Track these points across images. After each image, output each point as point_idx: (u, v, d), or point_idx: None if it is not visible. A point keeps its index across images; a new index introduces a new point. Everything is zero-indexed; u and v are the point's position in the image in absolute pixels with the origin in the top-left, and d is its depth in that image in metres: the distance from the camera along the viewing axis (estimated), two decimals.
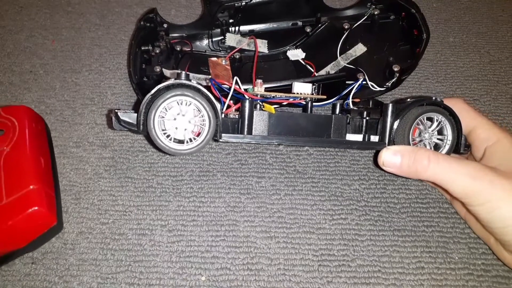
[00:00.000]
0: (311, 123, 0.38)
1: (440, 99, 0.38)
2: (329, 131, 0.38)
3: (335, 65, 0.51)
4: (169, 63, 0.52)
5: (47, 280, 0.38)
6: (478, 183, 0.33)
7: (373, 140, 0.39)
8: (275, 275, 0.39)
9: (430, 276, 0.38)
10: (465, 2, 0.67)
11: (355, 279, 0.38)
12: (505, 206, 0.33)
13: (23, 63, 0.58)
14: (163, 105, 0.35)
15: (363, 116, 0.41)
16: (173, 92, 0.35)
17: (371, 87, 0.49)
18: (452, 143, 0.38)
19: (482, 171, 0.34)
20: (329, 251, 0.40)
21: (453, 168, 0.34)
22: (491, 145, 0.37)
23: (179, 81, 0.35)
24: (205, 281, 0.38)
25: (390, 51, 0.53)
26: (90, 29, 0.63)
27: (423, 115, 0.37)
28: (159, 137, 0.35)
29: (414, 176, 0.35)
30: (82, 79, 0.56)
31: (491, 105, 0.52)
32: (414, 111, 0.37)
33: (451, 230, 0.41)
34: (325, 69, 0.51)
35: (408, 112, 0.37)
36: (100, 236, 0.41)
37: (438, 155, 0.35)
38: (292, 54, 0.52)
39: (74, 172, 0.46)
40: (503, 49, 0.60)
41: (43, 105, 0.53)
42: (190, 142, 0.35)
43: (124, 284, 0.38)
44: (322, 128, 0.38)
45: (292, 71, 0.52)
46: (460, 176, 0.34)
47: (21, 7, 0.66)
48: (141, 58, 0.50)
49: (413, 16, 0.51)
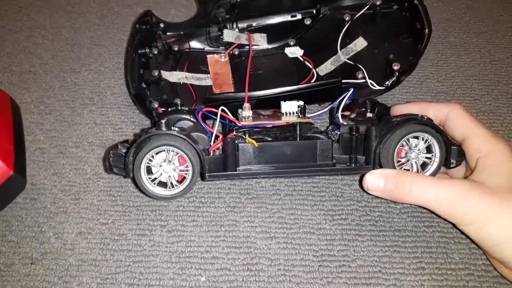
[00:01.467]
0: (295, 151, 0.37)
1: (426, 118, 0.37)
2: (315, 156, 0.38)
3: (335, 60, 0.50)
4: (168, 64, 0.52)
5: (47, 281, 0.38)
6: (462, 205, 0.32)
7: (361, 158, 0.38)
8: (275, 276, 0.38)
9: (430, 277, 0.38)
10: (466, 2, 0.67)
11: (355, 280, 0.38)
12: (493, 224, 0.32)
13: (22, 63, 0.58)
14: (148, 156, 0.36)
15: (352, 132, 0.39)
16: (157, 143, 0.35)
17: (371, 85, 0.48)
18: (441, 161, 0.37)
19: (465, 191, 0.33)
20: (330, 252, 0.40)
21: (436, 191, 0.33)
22: (482, 157, 0.35)
23: (165, 131, 0.35)
24: (205, 281, 0.38)
25: (391, 46, 0.51)
26: (90, 28, 0.63)
27: (408, 135, 0.36)
28: (146, 186, 0.37)
29: (398, 200, 0.35)
30: (81, 79, 0.56)
31: (492, 105, 0.52)
32: (398, 132, 0.36)
33: (452, 230, 0.41)
34: (325, 64, 0.50)
35: (393, 134, 0.36)
36: (99, 237, 0.41)
37: (421, 178, 0.34)
38: (290, 51, 0.51)
39: (74, 172, 0.46)
40: (504, 49, 0.60)
41: (42, 105, 0.53)
42: (174, 187, 0.37)
43: (124, 284, 0.38)
44: (308, 154, 0.38)
45: (292, 65, 0.51)
46: (443, 198, 0.33)
47: (20, 7, 0.66)
48: (139, 63, 0.50)
49: (416, 8, 0.49)
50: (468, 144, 0.36)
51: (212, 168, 0.38)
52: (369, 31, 0.52)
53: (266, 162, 0.38)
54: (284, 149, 0.37)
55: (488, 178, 0.34)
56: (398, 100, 0.52)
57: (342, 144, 0.39)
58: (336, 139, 0.40)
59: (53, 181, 0.46)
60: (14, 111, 0.47)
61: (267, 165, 0.38)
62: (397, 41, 0.51)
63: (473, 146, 0.36)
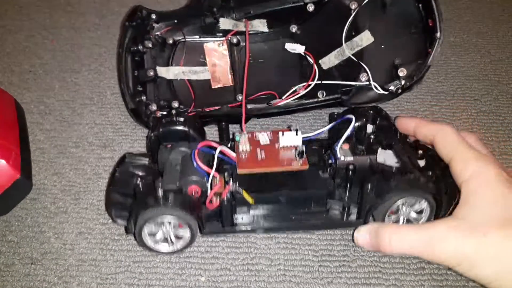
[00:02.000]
0: (291, 200, 0.38)
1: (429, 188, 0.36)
2: (310, 205, 0.38)
3: (339, 54, 0.47)
4: (163, 58, 0.48)
5: (47, 281, 0.38)
6: (443, 247, 0.32)
7: (354, 208, 0.38)
8: (275, 276, 0.38)
9: (430, 277, 0.38)
10: (466, 2, 0.67)
11: (355, 280, 0.38)
12: (480, 263, 0.31)
13: (22, 63, 0.58)
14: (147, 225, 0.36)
15: (347, 172, 0.37)
16: (154, 215, 0.35)
17: (374, 88, 0.45)
18: (429, 218, 0.38)
19: (444, 233, 0.32)
20: (330, 252, 0.40)
21: (414, 238, 0.33)
22: (465, 181, 0.34)
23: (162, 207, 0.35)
24: (205, 281, 0.38)
25: (400, 42, 0.46)
26: (90, 28, 0.63)
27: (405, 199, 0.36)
28: (149, 246, 0.38)
29: (383, 253, 0.36)
30: (81, 79, 0.56)
31: (492, 105, 0.52)
32: (393, 199, 0.36)
33: None
34: (329, 56, 0.47)
35: (388, 201, 0.36)
36: (99, 237, 0.41)
37: (400, 229, 0.34)
38: (290, 47, 0.47)
39: (74, 172, 0.46)
40: (504, 49, 0.60)
41: (42, 105, 0.53)
42: (174, 243, 0.38)
43: (124, 284, 0.38)
44: (303, 203, 0.38)
45: (294, 55, 0.48)
46: (422, 245, 0.33)
47: (20, 7, 0.66)
48: (133, 65, 0.47)
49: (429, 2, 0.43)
50: (452, 166, 0.35)
51: (209, 221, 0.38)
52: (377, 22, 0.46)
53: (262, 214, 0.38)
54: (280, 200, 0.37)
55: (470, 210, 0.32)
56: (398, 100, 0.52)
57: (338, 178, 0.39)
58: (332, 174, 0.39)
59: (53, 181, 0.46)
60: (19, 113, 0.47)
61: (263, 215, 0.38)
62: (406, 37, 0.46)
63: (456, 169, 0.34)
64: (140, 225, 0.36)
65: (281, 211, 0.38)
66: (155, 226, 0.36)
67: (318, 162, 0.40)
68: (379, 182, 0.36)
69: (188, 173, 0.37)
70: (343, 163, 0.38)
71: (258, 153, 0.39)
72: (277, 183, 0.37)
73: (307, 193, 0.37)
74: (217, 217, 0.38)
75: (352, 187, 0.39)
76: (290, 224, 0.38)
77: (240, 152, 0.39)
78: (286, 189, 0.37)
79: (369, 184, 0.36)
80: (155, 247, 0.38)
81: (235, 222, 0.38)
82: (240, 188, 0.36)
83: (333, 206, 0.38)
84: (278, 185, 0.37)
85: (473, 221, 0.32)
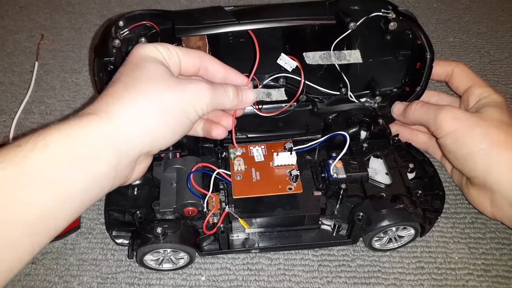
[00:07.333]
0: (286, 221, 0.38)
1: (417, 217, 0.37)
2: (303, 223, 0.39)
3: (325, 56, 0.45)
4: None
5: (47, 280, 0.38)
6: (440, 116, 0.39)
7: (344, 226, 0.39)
8: (275, 275, 0.39)
9: (430, 276, 0.38)
10: (465, 2, 0.67)
11: (355, 279, 0.38)
12: (468, 136, 0.38)
13: (23, 63, 0.58)
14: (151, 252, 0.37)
15: (339, 193, 0.39)
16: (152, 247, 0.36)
17: (350, 98, 0.46)
18: (414, 238, 0.39)
19: (450, 105, 0.42)
20: (329, 251, 0.40)
21: (431, 109, 0.41)
22: (482, 99, 0.41)
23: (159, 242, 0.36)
24: (205, 281, 0.38)
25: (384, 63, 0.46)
26: (90, 29, 0.63)
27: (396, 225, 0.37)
28: (151, 267, 0.38)
29: (408, 119, 0.43)
30: (82, 79, 0.56)
31: None
32: (383, 226, 0.37)
33: (451, 230, 0.41)
34: (314, 53, 0.45)
35: (379, 227, 0.37)
36: (100, 236, 0.41)
37: (415, 104, 0.43)
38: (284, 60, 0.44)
39: None
40: (503, 49, 0.60)
41: (43, 105, 0.53)
42: (175, 263, 0.38)
43: (124, 284, 0.38)
44: (297, 222, 0.39)
45: None
46: (433, 114, 0.40)
47: (21, 7, 0.67)
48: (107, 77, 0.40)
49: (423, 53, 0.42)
50: (471, 91, 0.42)
51: (207, 241, 0.39)
52: (369, 40, 0.45)
53: (256, 229, 0.39)
54: (275, 220, 0.38)
55: (483, 111, 0.40)
56: None
57: (330, 192, 0.40)
58: (324, 190, 0.40)
59: None
60: None
61: (257, 232, 0.39)
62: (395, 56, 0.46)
63: (476, 92, 0.42)
64: (140, 258, 0.37)
65: (275, 229, 0.39)
66: (155, 253, 0.37)
67: (311, 176, 0.41)
68: (370, 211, 0.37)
69: (184, 197, 0.38)
70: (335, 181, 0.39)
71: (253, 174, 0.39)
72: (272, 205, 0.38)
73: (301, 213, 0.38)
74: (215, 239, 0.38)
75: (343, 204, 0.40)
76: (284, 243, 0.39)
77: (236, 173, 0.39)
78: (281, 210, 0.37)
79: (360, 214, 0.37)
80: (158, 267, 0.38)
81: (231, 243, 0.39)
82: (236, 215, 0.37)
83: (324, 222, 0.39)
84: (272, 206, 0.38)
85: (481, 116, 0.39)
